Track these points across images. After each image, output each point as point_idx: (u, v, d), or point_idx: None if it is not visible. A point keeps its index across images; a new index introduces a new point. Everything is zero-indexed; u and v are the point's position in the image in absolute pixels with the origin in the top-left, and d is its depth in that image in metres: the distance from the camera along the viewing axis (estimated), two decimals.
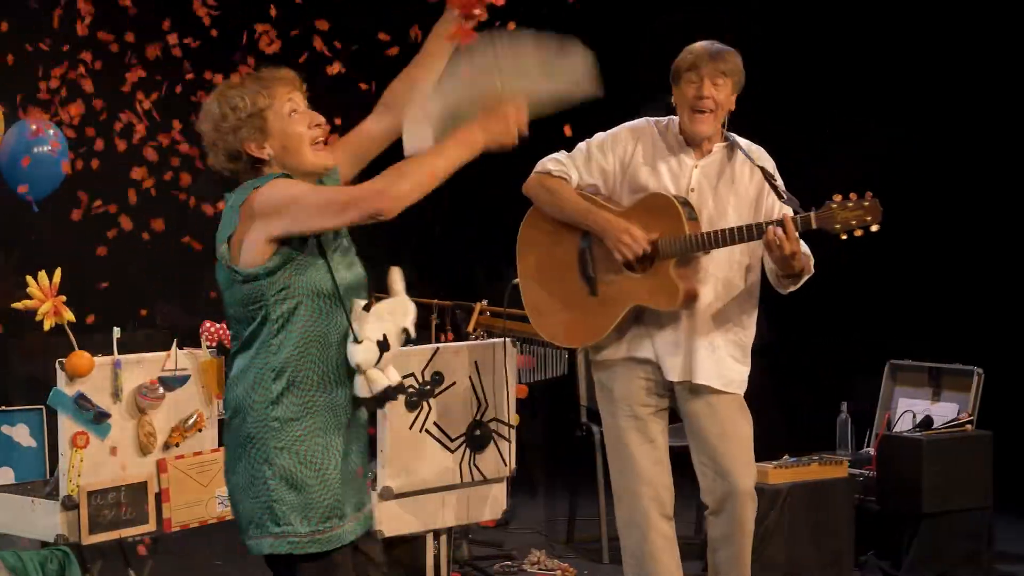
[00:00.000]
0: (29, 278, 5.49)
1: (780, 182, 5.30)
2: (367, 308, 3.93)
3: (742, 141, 5.39)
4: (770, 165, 5.37)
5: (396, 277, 4.02)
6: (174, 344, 5.60)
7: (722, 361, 5.36)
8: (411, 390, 5.78)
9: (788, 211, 5.12)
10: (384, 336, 3.92)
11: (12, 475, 5.97)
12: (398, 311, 3.98)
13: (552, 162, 5.45)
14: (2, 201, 7.05)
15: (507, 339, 6.20)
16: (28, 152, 6.71)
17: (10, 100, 6.58)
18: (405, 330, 3.99)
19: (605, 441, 5.58)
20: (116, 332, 5.55)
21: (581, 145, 5.47)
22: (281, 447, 3.86)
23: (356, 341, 3.91)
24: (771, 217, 5.23)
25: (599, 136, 5.47)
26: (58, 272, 5.49)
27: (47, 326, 5.51)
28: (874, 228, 5.04)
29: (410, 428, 5.82)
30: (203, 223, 6.91)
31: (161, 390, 5.52)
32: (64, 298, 5.53)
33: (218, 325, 5.68)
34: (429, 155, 3.88)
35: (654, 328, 5.36)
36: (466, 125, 3.90)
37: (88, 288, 6.20)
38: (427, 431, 5.86)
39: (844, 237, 5.06)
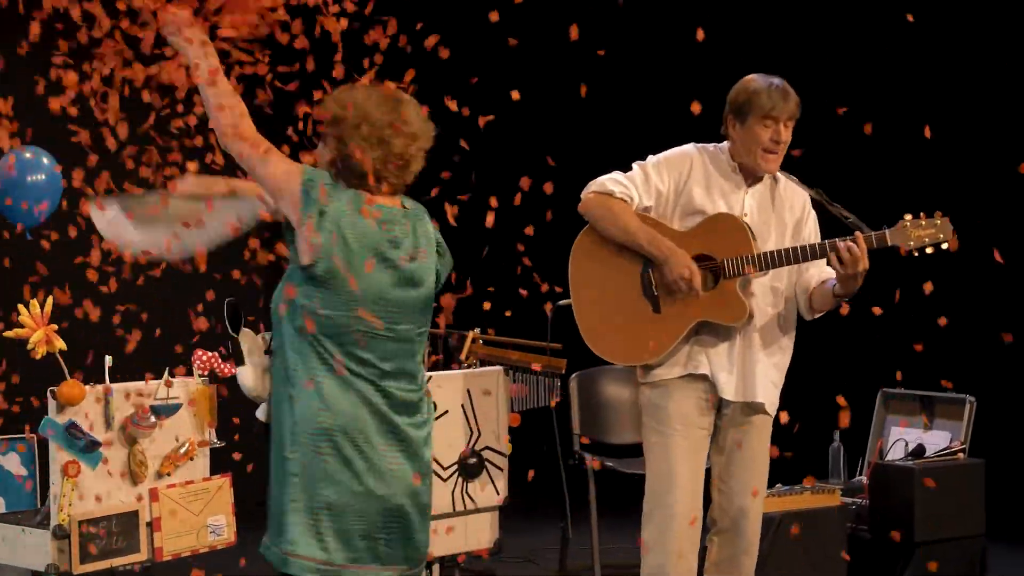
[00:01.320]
0: (20, 306, 5.50)
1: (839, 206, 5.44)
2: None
3: (782, 171, 5.52)
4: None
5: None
6: (165, 373, 5.59)
7: (768, 383, 5.47)
8: None
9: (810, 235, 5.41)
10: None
11: (3, 504, 5.95)
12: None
13: (613, 183, 5.46)
14: None
15: (500, 367, 6.21)
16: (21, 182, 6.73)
17: None
18: None
19: (647, 459, 5.55)
20: (108, 360, 5.54)
21: (636, 167, 5.51)
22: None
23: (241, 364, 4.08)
24: (808, 243, 5.40)
25: (652, 158, 5.52)
26: (49, 300, 5.48)
27: (39, 354, 5.51)
28: (945, 246, 5.32)
29: None
30: None
31: (153, 418, 5.52)
32: (56, 326, 5.53)
33: (210, 353, 5.68)
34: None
35: (709, 346, 5.42)
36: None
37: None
38: None
39: (916, 254, 5.33)
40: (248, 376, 4.27)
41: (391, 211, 4.03)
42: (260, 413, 4.21)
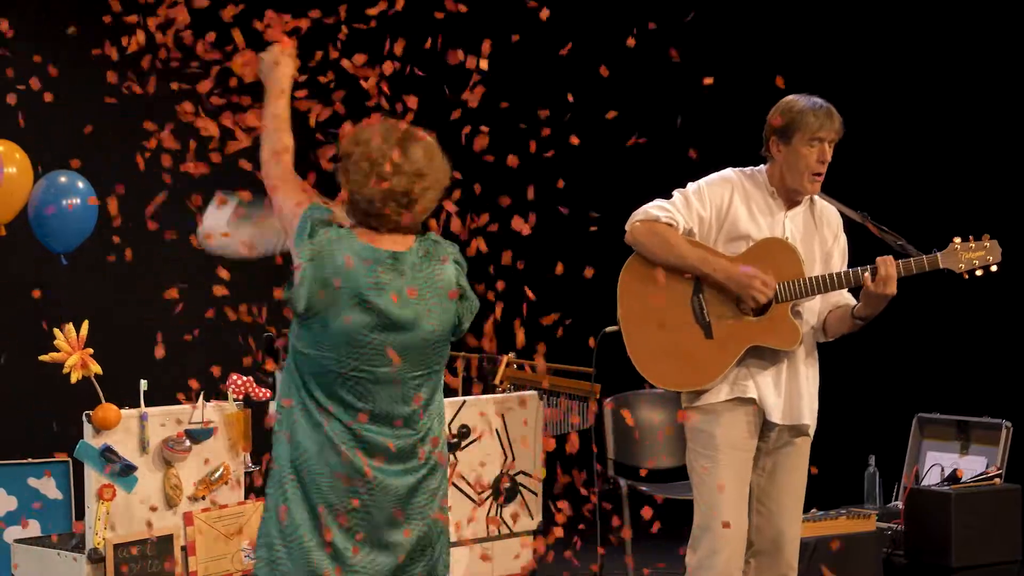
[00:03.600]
0: (56, 330, 5.51)
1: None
2: None
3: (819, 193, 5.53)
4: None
5: None
6: (200, 397, 5.60)
7: (812, 405, 5.48)
8: None
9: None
10: None
11: (39, 527, 5.97)
12: None
13: (658, 209, 5.46)
14: (30, 251, 7.06)
15: (535, 392, 6.21)
16: (56, 205, 6.78)
17: None
18: None
19: (694, 484, 5.52)
20: (143, 384, 5.55)
21: (677, 193, 5.51)
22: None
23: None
24: (836, 269, 5.43)
25: (692, 185, 5.52)
26: (85, 324, 5.50)
27: (74, 379, 5.52)
28: (994, 268, 5.34)
29: None
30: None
31: (187, 443, 5.53)
32: (91, 350, 5.54)
33: (245, 378, 5.69)
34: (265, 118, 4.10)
35: (756, 370, 5.41)
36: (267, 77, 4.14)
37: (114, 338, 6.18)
38: (454, 484, 5.85)
39: (967, 277, 5.33)
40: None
41: (377, 252, 3.94)
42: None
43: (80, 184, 6.86)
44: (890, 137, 8.29)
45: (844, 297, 5.47)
